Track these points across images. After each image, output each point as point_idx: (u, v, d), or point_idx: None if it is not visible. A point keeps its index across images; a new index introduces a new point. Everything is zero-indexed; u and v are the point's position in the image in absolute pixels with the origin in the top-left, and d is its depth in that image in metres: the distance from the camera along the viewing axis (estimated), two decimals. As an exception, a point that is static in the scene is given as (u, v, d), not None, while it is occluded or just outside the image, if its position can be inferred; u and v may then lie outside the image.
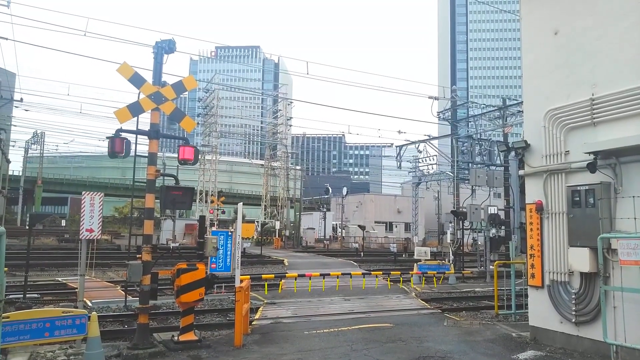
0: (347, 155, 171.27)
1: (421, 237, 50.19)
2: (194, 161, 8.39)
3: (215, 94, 49.39)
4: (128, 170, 78.01)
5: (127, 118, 7.75)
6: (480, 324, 10.17)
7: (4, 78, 32.22)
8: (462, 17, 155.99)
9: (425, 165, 39.63)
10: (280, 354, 7.52)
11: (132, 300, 11.34)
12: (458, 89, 46.19)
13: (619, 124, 7.28)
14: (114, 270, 21.23)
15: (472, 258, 26.65)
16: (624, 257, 6.44)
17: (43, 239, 37.85)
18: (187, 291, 7.74)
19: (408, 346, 8.08)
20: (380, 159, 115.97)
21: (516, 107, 29.65)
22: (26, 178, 58.40)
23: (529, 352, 7.79)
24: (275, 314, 10.99)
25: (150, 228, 7.87)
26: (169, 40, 8.21)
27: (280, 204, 55.85)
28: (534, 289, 8.62)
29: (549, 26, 8.62)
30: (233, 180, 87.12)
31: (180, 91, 8.32)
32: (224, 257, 10.09)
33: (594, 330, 7.39)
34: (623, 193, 7.16)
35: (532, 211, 8.62)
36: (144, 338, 7.53)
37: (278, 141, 56.66)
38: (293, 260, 27.79)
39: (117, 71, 7.79)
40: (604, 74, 7.59)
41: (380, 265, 28.00)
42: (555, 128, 8.25)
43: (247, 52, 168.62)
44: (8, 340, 6.16)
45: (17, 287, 13.94)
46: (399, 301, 13.18)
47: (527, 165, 8.90)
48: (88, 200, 8.50)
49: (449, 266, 19.30)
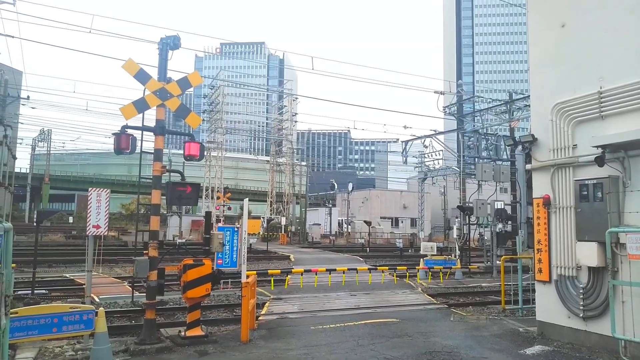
0: (352, 150, 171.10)
1: (427, 232, 50.02)
2: (199, 157, 8.38)
3: (221, 91, 49.39)
4: (134, 167, 78.11)
5: (132, 114, 7.77)
6: (487, 319, 10.14)
7: (10, 76, 32.38)
8: (467, 11, 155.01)
9: (431, 160, 39.47)
10: (286, 349, 7.53)
11: (139, 296, 11.41)
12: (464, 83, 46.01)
13: (628, 117, 7.20)
14: (121, 266, 21.36)
15: (479, 253, 26.55)
16: (633, 252, 6.41)
17: (51, 236, 38.05)
18: (194, 287, 7.77)
19: (414, 341, 8.07)
20: (385, 154, 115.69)
21: (523, 102, 29.49)
22: (33, 175, 58.82)
23: (537, 347, 7.76)
24: (281, 309, 11.00)
25: (157, 224, 7.90)
26: (174, 37, 8.21)
27: (286, 199, 55.89)
28: (541, 283, 8.59)
29: (556, 19, 8.54)
30: (239, 177, 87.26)
31: (185, 87, 8.31)
32: (230, 253, 10.08)
33: (602, 325, 7.35)
34: (632, 187, 7.10)
35: (540, 205, 8.57)
36: (151, 333, 7.57)
37: (283, 137, 56.64)
38: (299, 255, 27.82)
39: (122, 68, 7.80)
40: (611, 66, 7.52)
41: (386, 260, 27.96)
42: (563, 122, 8.18)
43: (252, 48, 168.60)
44: (17, 335, 6.20)
45: (26, 283, 14.09)
46: (405, 296, 13.16)
47: (534, 159, 8.83)
48: (94, 197, 8.52)
49: (455, 261, 19.27)
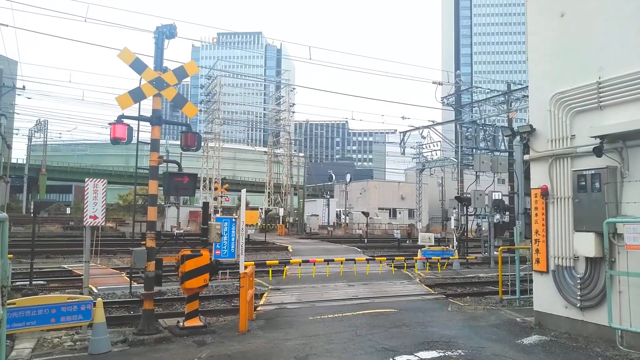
0: (350, 141, 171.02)
1: (425, 223, 50.14)
2: (196, 147, 8.35)
3: (218, 81, 49.21)
4: (131, 157, 78.01)
5: (128, 104, 7.69)
6: (484, 309, 10.19)
7: (5, 65, 32.13)
8: (466, 1, 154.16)
9: (429, 151, 39.47)
10: (285, 339, 7.55)
11: (137, 287, 11.41)
12: (462, 74, 45.87)
13: (626, 107, 7.18)
14: (118, 257, 21.38)
15: (476, 244, 26.66)
16: (630, 242, 6.42)
17: (48, 227, 38.02)
18: (192, 277, 7.77)
19: (412, 331, 8.10)
20: (383, 145, 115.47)
21: (521, 92, 29.45)
22: (30, 166, 58.60)
23: (534, 336, 7.80)
24: (279, 299, 11.03)
25: (154, 215, 7.87)
26: (170, 25, 8.13)
27: (284, 190, 55.90)
28: (538, 274, 8.61)
29: (555, 9, 8.48)
30: (236, 168, 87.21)
31: (182, 76, 8.24)
32: (228, 244, 10.07)
33: (598, 315, 7.39)
34: (629, 177, 7.10)
35: (538, 196, 8.56)
36: (149, 324, 7.58)
37: (281, 128, 56.52)
38: (297, 246, 27.88)
39: (118, 57, 7.71)
40: (610, 57, 7.47)
41: (384, 251, 28.07)
42: (561, 112, 8.15)
43: (249, 38, 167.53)
44: (15, 326, 6.22)
45: (24, 274, 14.09)
46: (403, 287, 13.20)
47: (532, 150, 8.81)
48: (91, 187, 8.49)
49: (453, 252, 19.34)
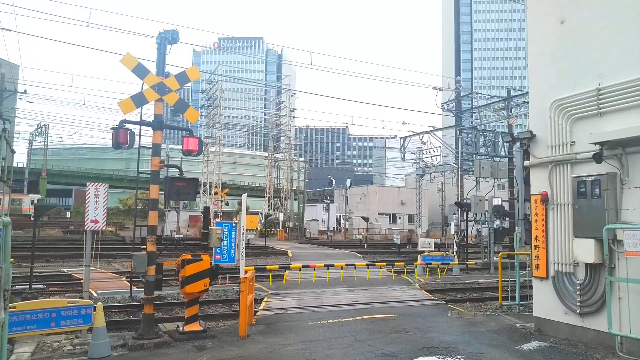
0: (350, 146, 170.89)
1: (425, 228, 50.18)
2: (197, 152, 8.38)
3: (219, 86, 49.29)
4: (132, 161, 78.13)
5: (130, 109, 7.74)
6: (484, 315, 10.18)
7: (7, 69, 32.21)
8: (466, 7, 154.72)
9: (429, 156, 39.55)
10: (284, 344, 7.55)
11: (137, 291, 11.39)
12: (462, 79, 45.97)
13: (626, 114, 7.21)
14: (119, 261, 21.36)
15: (476, 249, 26.64)
16: (630, 248, 6.43)
17: (48, 231, 37.97)
18: (192, 282, 7.78)
19: (412, 337, 8.10)
20: (384, 150, 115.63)
21: (521, 98, 29.53)
22: (30, 170, 58.71)
23: (533, 342, 7.79)
24: (279, 304, 11.02)
25: (155, 219, 7.89)
26: (172, 31, 8.18)
27: (284, 195, 55.88)
28: (538, 280, 8.61)
29: (555, 15, 8.53)
30: (237, 172, 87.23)
31: (183, 82, 8.29)
32: (228, 248, 10.09)
33: (598, 322, 7.39)
34: (629, 184, 7.12)
35: (537, 202, 8.58)
36: (149, 328, 7.58)
37: (281, 133, 56.51)
38: (297, 251, 27.85)
39: (120, 62, 7.77)
40: (610, 63, 7.51)
41: (384, 256, 28.01)
42: (561, 118, 8.19)
43: (250, 43, 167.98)
44: (15, 330, 6.21)
45: (23, 277, 14.08)
46: (403, 292, 13.19)
47: (532, 156, 8.84)
48: (93, 191, 8.52)
49: (453, 257, 19.31)
